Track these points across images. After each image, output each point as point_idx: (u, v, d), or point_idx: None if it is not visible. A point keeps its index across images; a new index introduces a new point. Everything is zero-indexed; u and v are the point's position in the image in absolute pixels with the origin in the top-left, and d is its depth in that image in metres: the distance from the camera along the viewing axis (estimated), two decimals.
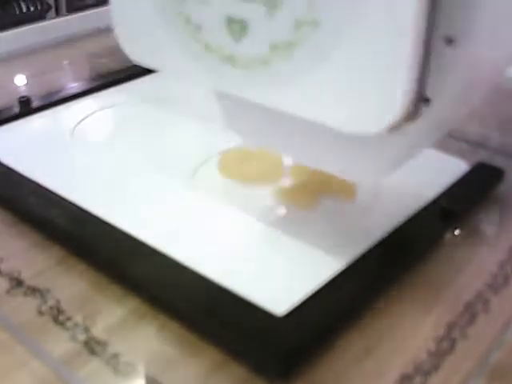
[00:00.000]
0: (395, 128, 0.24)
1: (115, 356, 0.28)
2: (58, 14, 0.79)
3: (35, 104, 0.48)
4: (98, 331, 0.29)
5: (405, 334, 0.29)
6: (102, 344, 0.28)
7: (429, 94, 0.25)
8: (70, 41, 0.68)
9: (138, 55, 0.32)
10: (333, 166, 0.31)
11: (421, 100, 0.25)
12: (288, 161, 0.41)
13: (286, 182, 0.39)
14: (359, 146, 0.28)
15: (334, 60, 0.24)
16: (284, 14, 0.24)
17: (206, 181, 0.39)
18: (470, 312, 0.30)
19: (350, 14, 0.23)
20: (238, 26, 0.26)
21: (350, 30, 0.23)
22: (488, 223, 0.37)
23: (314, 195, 0.37)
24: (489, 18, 0.25)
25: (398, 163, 0.29)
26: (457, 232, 0.36)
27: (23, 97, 0.48)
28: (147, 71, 0.52)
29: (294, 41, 0.25)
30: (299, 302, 0.29)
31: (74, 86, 0.52)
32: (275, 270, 0.32)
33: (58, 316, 0.30)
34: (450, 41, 0.24)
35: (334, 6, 0.23)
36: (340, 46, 0.23)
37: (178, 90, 0.49)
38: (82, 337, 0.29)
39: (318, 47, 0.24)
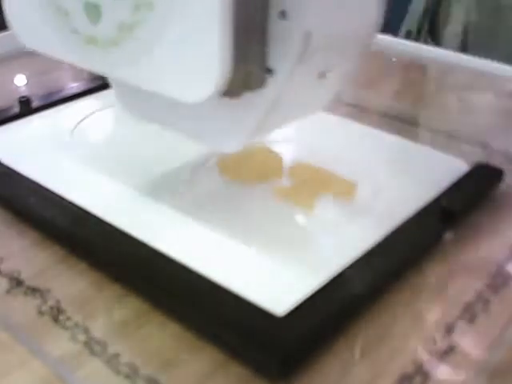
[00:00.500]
0: (234, 95, 0.28)
1: (115, 356, 0.28)
2: None
3: (35, 104, 0.48)
4: (98, 331, 0.29)
5: (405, 334, 0.29)
6: (102, 344, 0.28)
7: (272, 65, 0.28)
8: None
9: (26, 40, 0.36)
10: (199, 134, 0.34)
11: (262, 70, 0.28)
12: (288, 161, 0.41)
13: (286, 182, 0.39)
14: (220, 113, 0.32)
15: (167, 38, 0.27)
16: None
17: (206, 181, 0.39)
18: (470, 312, 0.30)
19: None
20: (93, 11, 0.30)
21: (178, 11, 0.27)
22: (488, 223, 0.37)
23: (314, 195, 0.37)
24: None
25: (262, 130, 0.33)
26: (456, 232, 0.36)
27: (23, 97, 0.48)
28: None
29: (135, 22, 0.28)
30: (299, 302, 0.29)
31: (73, 86, 0.52)
32: (275, 270, 0.32)
33: (57, 316, 0.30)
34: (282, 14, 0.27)
35: None
36: (171, 26, 0.27)
37: None
38: (81, 337, 0.29)
39: (154, 27, 0.28)
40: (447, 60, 0.60)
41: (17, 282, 0.32)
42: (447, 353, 0.28)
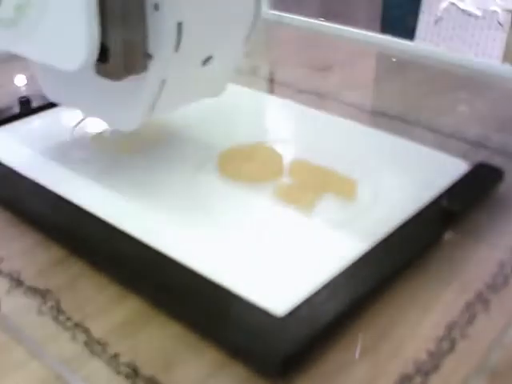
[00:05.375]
0: (116, 77, 0.32)
1: (115, 356, 0.28)
2: None
3: (35, 104, 0.48)
4: (98, 331, 0.29)
5: (405, 334, 0.29)
6: (102, 344, 0.28)
7: (151, 51, 0.33)
8: None
9: None
10: (99, 113, 0.39)
11: (143, 55, 0.32)
12: (288, 160, 0.41)
13: (286, 181, 0.39)
14: (116, 94, 0.37)
15: (50, 17, 0.32)
16: None
17: (206, 181, 0.39)
18: (470, 312, 0.30)
19: None
20: None
21: None
22: (488, 223, 0.37)
23: (314, 195, 0.37)
24: None
25: (157, 111, 0.37)
26: (457, 232, 0.36)
27: (23, 97, 0.48)
28: None
29: (26, 3, 0.33)
30: (299, 302, 0.29)
31: None
32: (275, 270, 0.32)
33: (57, 316, 0.30)
34: (156, 7, 0.32)
35: None
36: (52, 6, 0.32)
37: None
38: (81, 337, 0.29)
39: (39, 7, 0.32)
40: (447, 60, 0.60)
41: (17, 282, 0.32)
42: (447, 353, 0.28)
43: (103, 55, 0.32)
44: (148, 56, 0.33)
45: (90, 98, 0.39)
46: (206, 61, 0.36)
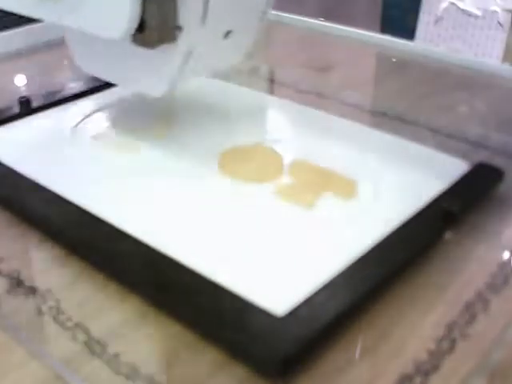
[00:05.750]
0: (150, 46, 0.36)
1: (115, 356, 0.28)
2: None
3: (35, 104, 0.48)
4: (98, 331, 0.29)
5: (405, 333, 0.29)
6: (102, 344, 0.28)
7: (181, 22, 0.37)
8: None
9: None
10: (131, 81, 0.44)
11: (173, 27, 0.37)
12: (288, 160, 0.41)
13: (286, 181, 0.39)
14: (147, 62, 0.41)
15: None
16: None
17: (206, 181, 0.39)
18: (470, 312, 0.30)
19: None
20: None
21: None
22: (488, 223, 0.37)
23: (314, 194, 0.37)
24: None
25: (183, 77, 0.41)
26: (457, 232, 0.36)
27: (23, 97, 0.48)
28: None
29: None
30: (299, 302, 0.29)
31: (73, 86, 0.52)
32: (275, 270, 0.32)
33: (57, 316, 0.30)
34: None
35: None
36: None
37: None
38: (81, 337, 0.29)
39: None
40: (447, 60, 0.60)
41: (17, 282, 0.32)
42: (447, 353, 0.28)
43: (140, 26, 0.35)
44: (178, 28, 0.37)
45: (122, 67, 0.43)
46: (227, 34, 0.42)
